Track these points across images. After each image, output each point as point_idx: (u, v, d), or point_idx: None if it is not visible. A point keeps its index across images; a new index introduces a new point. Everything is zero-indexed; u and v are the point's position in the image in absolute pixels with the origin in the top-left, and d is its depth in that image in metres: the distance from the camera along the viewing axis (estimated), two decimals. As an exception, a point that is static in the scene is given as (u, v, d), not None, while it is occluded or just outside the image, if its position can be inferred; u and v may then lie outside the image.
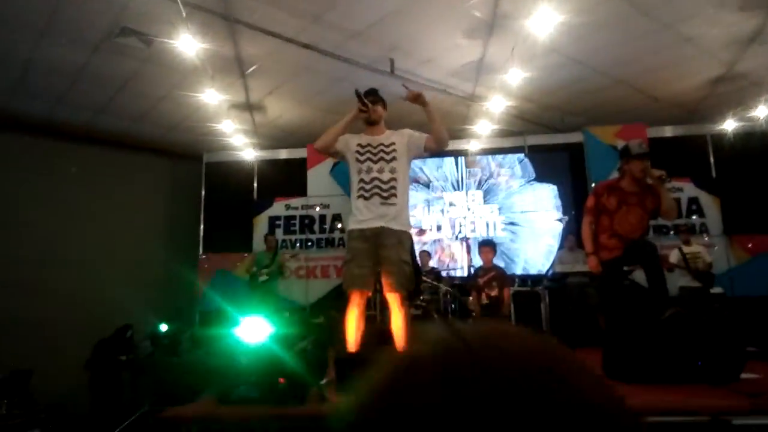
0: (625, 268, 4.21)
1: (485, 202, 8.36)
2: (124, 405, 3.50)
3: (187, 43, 5.04)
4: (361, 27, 5.50)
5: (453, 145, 8.50)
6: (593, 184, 7.94)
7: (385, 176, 3.31)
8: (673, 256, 6.64)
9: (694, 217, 7.71)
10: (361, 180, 3.31)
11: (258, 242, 8.27)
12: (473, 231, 8.25)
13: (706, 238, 7.51)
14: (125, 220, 8.38)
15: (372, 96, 3.63)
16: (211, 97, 6.36)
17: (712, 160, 7.85)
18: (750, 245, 7.45)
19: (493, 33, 5.57)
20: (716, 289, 6.59)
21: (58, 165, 7.90)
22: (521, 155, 8.40)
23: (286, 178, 8.73)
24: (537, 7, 4.54)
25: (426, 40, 5.80)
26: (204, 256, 8.57)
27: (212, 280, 8.42)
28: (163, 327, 6.32)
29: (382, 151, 3.41)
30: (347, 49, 5.90)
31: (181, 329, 6.68)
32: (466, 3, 4.99)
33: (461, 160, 8.53)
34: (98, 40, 5.54)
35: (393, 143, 3.47)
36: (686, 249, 6.62)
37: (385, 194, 3.27)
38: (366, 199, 3.27)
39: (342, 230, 8.48)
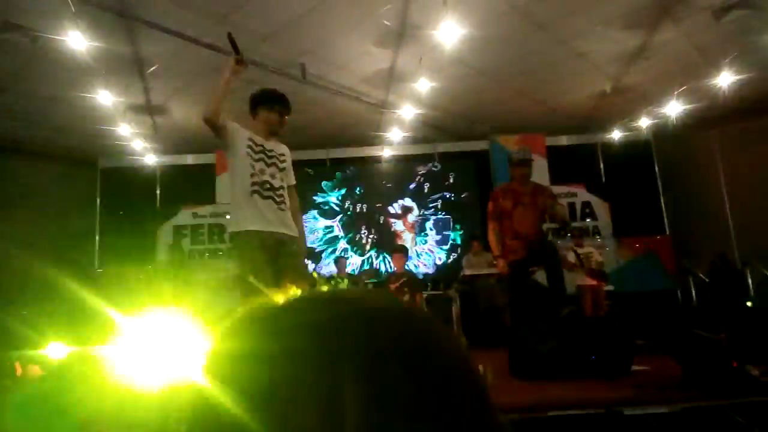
0: (530, 269, 4.44)
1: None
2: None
3: (77, 40, 4.66)
4: (270, 30, 5.38)
5: (367, 152, 8.58)
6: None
7: (277, 183, 3.11)
8: (571, 257, 7.12)
9: (587, 220, 8.30)
10: (254, 177, 3.02)
11: (162, 254, 7.81)
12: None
13: (599, 240, 8.11)
14: (16, 231, 7.58)
15: (281, 105, 3.42)
16: (104, 98, 5.93)
17: (602, 167, 8.51)
18: (636, 245, 8.14)
19: (403, 42, 5.67)
20: (608, 287, 7.13)
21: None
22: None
23: (192, 184, 8.31)
24: (443, 19, 4.67)
25: (337, 45, 5.79)
26: (100, 270, 7.94)
27: (112, 296, 7.82)
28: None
29: (275, 157, 3.20)
30: (257, 52, 5.74)
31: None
32: (376, 11, 5.04)
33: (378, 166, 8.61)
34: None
35: (284, 155, 3.32)
36: (580, 250, 7.11)
37: (278, 200, 3.06)
38: (263, 198, 3.00)
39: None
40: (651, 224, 8.23)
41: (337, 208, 8.57)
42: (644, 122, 7.87)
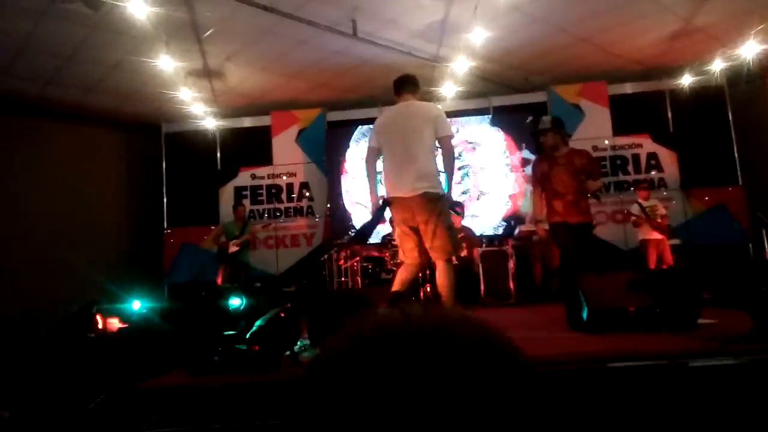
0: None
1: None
2: (93, 384, 3.45)
3: (138, 7, 4.80)
4: (320, -13, 5.33)
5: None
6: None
7: None
8: (634, 209, 6.89)
9: (652, 172, 7.92)
10: None
11: (224, 213, 8.14)
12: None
13: (665, 192, 7.75)
14: (84, 196, 8.12)
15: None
16: (166, 63, 6.11)
17: (669, 115, 8.03)
18: (706, 198, 7.73)
19: (456, -9, 5.48)
20: (674, 241, 6.86)
21: (9, 139, 7.54)
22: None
23: (250, 146, 8.53)
24: (498, -36, 4.47)
25: (388, 0, 5.67)
26: (169, 230, 8.40)
27: (179, 254, 8.28)
28: (136, 304, 6.20)
29: None
30: (308, 11, 5.72)
31: (150, 304, 6.57)
32: (427, -40, 4.88)
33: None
34: (44, 6, 5.22)
35: None
36: (645, 203, 6.86)
37: None
38: None
39: (311, 198, 8.43)
40: (723, 175, 7.76)
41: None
42: (717, 66, 7.31)
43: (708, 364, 2.30)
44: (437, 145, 3.62)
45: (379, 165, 3.83)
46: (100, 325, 5.74)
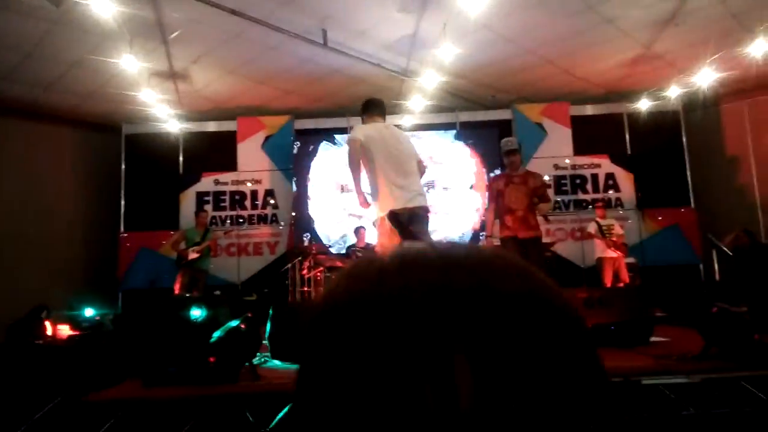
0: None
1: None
2: (39, 393, 3.29)
3: (102, 5, 4.66)
4: (291, -5, 5.31)
5: (388, 120, 8.49)
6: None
7: None
8: (591, 227, 7.09)
9: (610, 191, 8.18)
10: None
11: (185, 219, 7.95)
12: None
13: (621, 212, 8.01)
14: (39, 196, 7.79)
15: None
16: (129, 63, 5.94)
17: (627, 137, 8.32)
18: (660, 218, 8.02)
19: (427, 7, 5.56)
20: (629, 259, 7.08)
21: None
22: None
23: (214, 151, 8.38)
24: (469, -17, 4.55)
25: (359, 11, 5.70)
26: (125, 234, 8.13)
27: (135, 259, 8.03)
28: (88, 311, 5.96)
29: None
30: (277, 18, 5.69)
31: (104, 311, 6.34)
32: (400, -25, 4.93)
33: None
34: (0, -2, 5.03)
35: None
36: (602, 222, 7.06)
37: None
38: None
39: (275, 206, 8.33)
40: (676, 197, 8.08)
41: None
42: (674, 92, 7.64)
43: (661, 382, 2.37)
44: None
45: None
46: (49, 332, 5.49)
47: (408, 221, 3.60)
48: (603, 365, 0.35)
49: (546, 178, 8.20)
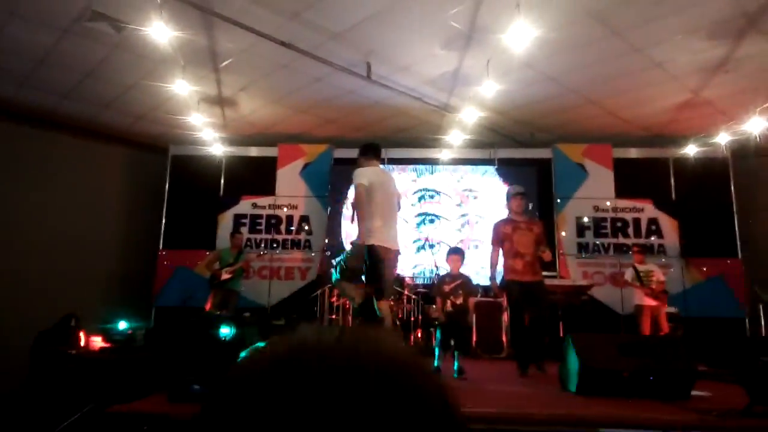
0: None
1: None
2: (69, 400, 3.35)
3: (160, 31, 4.90)
4: (340, 29, 5.47)
5: (425, 153, 8.57)
6: (558, 200, 8.12)
7: None
8: (628, 274, 6.83)
9: (652, 237, 7.93)
10: None
11: (222, 240, 8.11)
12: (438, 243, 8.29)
13: (663, 260, 7.73)
14: (84, 210, 8.11)
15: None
16: (181, 88, 6.20)
17: (672, 182, 8.10)
18: (704, 268, 7.70)
19: (470, 44, 5.63)
20: (671, 309, 6.79)
21: (19, 149, 7.60)
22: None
23: (254, 176, 8.57)
24: (514, 21, 4.60)
25: (404, 47, 5.82)
26: (164, 252, 8.34)
27: (171, 277, 8.19)
28: (122, 324, 6.09)
29: None
30: (325, 50, 5.86)
31: (136, 325, 6.46)
32: (445, 13, 5.03)
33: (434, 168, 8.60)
34: (67, 22, 5.35)
35: None
36: (640, 267, 6.81)
37: None
38: None
39: (309, 232, 8.40)
40: (722, 247, 7.76)
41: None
42: (722, 138, 7.42)
43: (702, 439, 2.23)
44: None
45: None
46: (82, 342, 5.62)
47: (385, 261, 4.09)
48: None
49: (585, 219, 8.06)
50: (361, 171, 4.40)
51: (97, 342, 5.90)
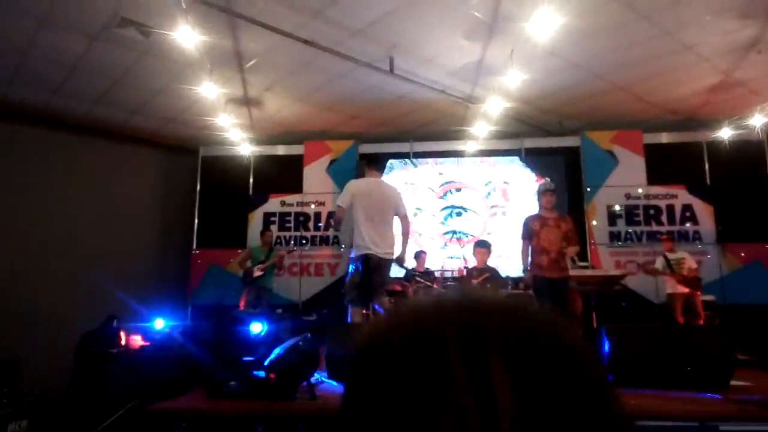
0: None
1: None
2: (112, 398, 3.48)
3: (186, 35, 5.01)
4: (361, 24, 5.48)
5: (450, 146, 8.54)
6: (588, 189, 7.99)
7: None
8: (658, 263, 6.70)
9: (687, 224, 7.74)
10: None
11: (252, 238, 8.25)
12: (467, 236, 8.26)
13: (699, 246, 7.54)
14: (119, 212, 8.35)
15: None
16: (208, 90, 6.32)
17: (707, 167, 7.87)
18: (742, 254, 7.48)
19: (493, 34, 5.57)
20: (708, 297, 6.63)
21: (53, 154, 7.86)
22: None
23: (281, 174, 8.69)
24: (538, 9, 4.54)
25: (426, 39, 5.80)
26: (197, 251, 8.53)
27: (205, 275, 8.39)
28: (159, 323, 6.28)
29: None
30: (347, 47, 5.89)
31: (173, 323, 6.64)
32: (467, 3, 4.99)
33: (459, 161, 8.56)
34: (97, 30, 5.50)
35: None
36: (670, 256, 6.67)
37: None
38: None
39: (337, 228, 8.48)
40: (760, 231, 7.52)
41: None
42: (757, 120, 7.18)
43: (741, 429, 2.19)
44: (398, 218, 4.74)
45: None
46: (123, 342, 5.81)
47: (371, 268, 4.34)
48: (615, 399, 0.38)
49: (617, 208, 7.91)
50: (346, 186, 4.79)
51: (137, 341, 6.09)
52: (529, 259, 5.10)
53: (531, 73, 6.00)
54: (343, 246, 8.39)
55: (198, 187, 8.74)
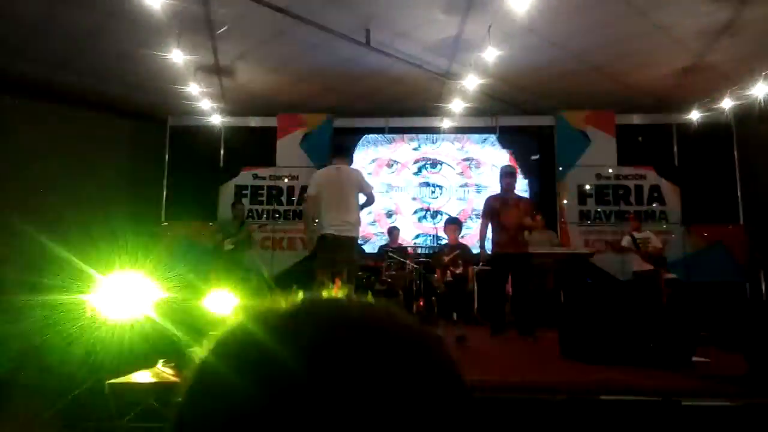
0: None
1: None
2: (75, 375, 3.39)
3: (154, -2, 4.79)
4: (337, -6, 5.34)
5: (425, 122, 8.48)
6: (560, 168, 8.07)
7: None
8: (625, 241, 6.86)
9: (654, 204, 7.90)
10: None
11: (223, 211, 8.09)
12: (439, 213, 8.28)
13: (665, 226, 7.73)
14: (83, 182, 8.07)
15: None
16: (177, 57, 6.09)
17: (675, 149, 8.03)
18: (705, 234, 7.70)
19: (471, 9, 5.50)
20: (671, 275, 6.82)
21: (13, 121, 7.51)
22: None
23: (254, 146, 8.51)
24: (517, -15, 4.47)
25: (403, 12, 5.69)
26: (166, 224, 8.34)
27: (174, 249, 8.21)
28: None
29: None
30: (322, 16, 5.73)
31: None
32: (446, -24, 4.89)
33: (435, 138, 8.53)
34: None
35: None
36: (637, 235, 6.83)
37: None
38: None
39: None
40: (724, 213, 7.74)
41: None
42: (726, 104, 7.32)
43: (702, 404, 2.26)
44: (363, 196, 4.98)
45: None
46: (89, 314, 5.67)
47: (333, 246, 4.66)
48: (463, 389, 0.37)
49: (587, 187, 8.02)
50: (313, 176, 5.17)
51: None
52: (489, 237, 5.28)
53: (508, 50, 5.95)
54: (317, 221, 8.30)
55: (167, 158, 8.49)
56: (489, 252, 5.26)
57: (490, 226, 5.25)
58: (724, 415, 2.28)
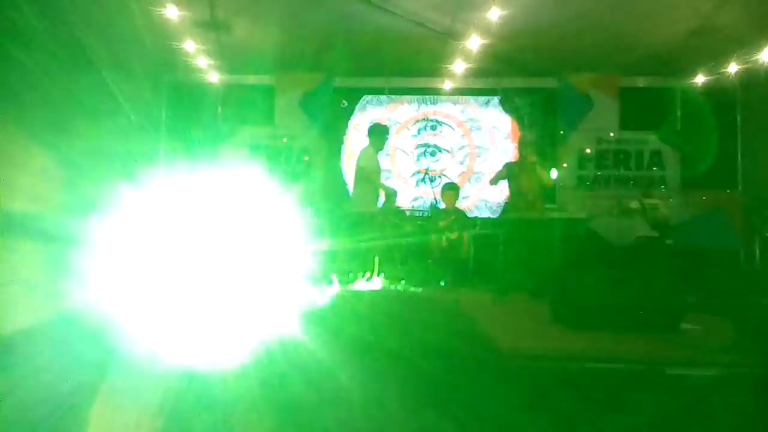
0: None
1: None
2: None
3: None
4: (336, -53, 5.14)
5: (427, 82, 8.33)
6: (561, 132, 8.00)
7: None
8: (634, 204, 6.86)
9: (654, 168, 7.87)
10: None
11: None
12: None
13: (663, 190, 7.72)
14: (78, 143, 7.99)
15: None
16: (172, 12, 5.93)
17: (678, 113, 7.93)
18: (703, 198, 7.70)
19: (476, -35, 5.31)
20: (668, 241, 6.85)
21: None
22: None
23: (252, 105, 8.38)
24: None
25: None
26: (165, 182, 8.31)
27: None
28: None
29: None
30: (322, -29, 5.54)
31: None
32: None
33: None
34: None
35: None
36: (646, 200, 6.83)
37: None
38: None
39: (309, 163, 8.35)
40: (724, 179, 7.72)
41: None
42: (733, 68, 7.16)
43: (687, 374, 2.31)
44: None
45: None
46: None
47: None
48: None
49: (588, 151, 7.97)
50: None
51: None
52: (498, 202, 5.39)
53: (513, 8, 5.78)
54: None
55: (163, 117, 8.39)
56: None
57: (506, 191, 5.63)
58: (710, 385, 2.33)
